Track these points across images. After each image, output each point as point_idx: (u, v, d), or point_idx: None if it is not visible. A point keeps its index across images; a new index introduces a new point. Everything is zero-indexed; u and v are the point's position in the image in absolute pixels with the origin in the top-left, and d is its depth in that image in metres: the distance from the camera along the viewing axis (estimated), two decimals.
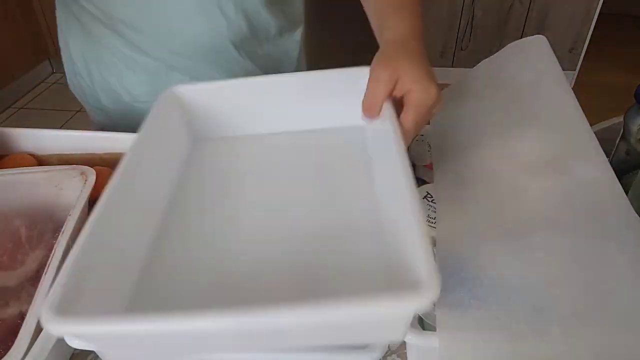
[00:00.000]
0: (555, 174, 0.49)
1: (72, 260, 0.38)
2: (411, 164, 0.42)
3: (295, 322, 0.33)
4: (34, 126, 0.75)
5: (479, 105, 0.64)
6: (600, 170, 0.48)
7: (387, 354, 0.49)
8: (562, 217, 0.45)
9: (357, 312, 0.32)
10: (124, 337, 0.36)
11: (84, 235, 0.40)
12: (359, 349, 0.41)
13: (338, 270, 0.44)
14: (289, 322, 0.33)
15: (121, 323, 0.34)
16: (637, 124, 0.61)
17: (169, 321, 0.32)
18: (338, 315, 0.32)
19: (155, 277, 0.47)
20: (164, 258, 0.49)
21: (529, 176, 0.50)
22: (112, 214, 0.44)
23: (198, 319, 0.32)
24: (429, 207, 0.54)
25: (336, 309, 0.32)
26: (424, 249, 0.34)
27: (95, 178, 0.58)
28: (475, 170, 0.54)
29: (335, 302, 0.31)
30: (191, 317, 0.32)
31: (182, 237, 0.51)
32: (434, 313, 0.42)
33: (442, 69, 2.88)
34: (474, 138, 0.59)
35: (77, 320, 0.35)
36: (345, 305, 0.31)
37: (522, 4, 2.63)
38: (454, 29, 2.74)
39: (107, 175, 0.49)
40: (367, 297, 0.31)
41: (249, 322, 0.33)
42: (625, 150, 0.63)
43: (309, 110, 0.62)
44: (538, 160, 0.51)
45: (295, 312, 0.32)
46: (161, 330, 0.33)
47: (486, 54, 0.71)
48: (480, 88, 0.67)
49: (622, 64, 3.16)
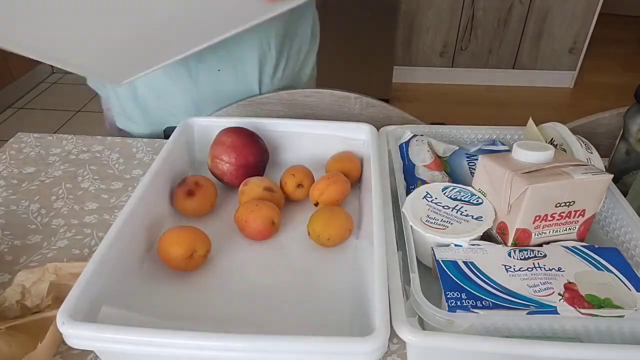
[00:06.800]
0: None
1: (88, 272, 0.45)
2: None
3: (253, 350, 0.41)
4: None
5: None
6: None
7: (387, 354, 0.49)
8: None
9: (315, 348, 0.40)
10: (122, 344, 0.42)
11: (101, 250, 0.48)
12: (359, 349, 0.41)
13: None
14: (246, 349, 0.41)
15: (121, 332, 0.41)
16: (637, 124, 0.61)
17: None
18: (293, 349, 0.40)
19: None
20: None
21: None
22: (125, 235, 0.52)
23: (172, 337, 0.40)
24: (428, 207, 0.54)
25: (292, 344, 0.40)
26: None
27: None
28: None
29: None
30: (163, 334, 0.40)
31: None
32: (434, 313, 0.42)
33: (442, 69, 2.89)
34: None
35: (87, 326, 0.41)
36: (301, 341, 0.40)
37: (522, 4, 2.63)
38: (454, 29, 2.74)
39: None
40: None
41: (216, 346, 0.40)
42: (625, 150, 0.63)
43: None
44: None
45: (253, 343, 0.40)
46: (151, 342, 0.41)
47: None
48: None
49: (622, 64, 3.16)
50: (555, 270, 0.46)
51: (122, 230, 0.52)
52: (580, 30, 2.70)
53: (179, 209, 0.64)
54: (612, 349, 0.40)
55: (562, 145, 0.60)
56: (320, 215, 0.59)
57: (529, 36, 2.73)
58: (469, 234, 0.51)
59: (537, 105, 2.73)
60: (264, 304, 0.52)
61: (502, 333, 0.43)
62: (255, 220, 0.59)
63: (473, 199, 0.55)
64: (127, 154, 0.81)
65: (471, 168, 0.65)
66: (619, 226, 0.54)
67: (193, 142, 0.74)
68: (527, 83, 2.89)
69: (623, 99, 2.58)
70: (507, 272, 0.46)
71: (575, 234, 0.52)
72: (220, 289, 0.54)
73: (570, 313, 0.42)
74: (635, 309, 0.42)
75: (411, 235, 0.51)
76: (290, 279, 0.55)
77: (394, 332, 0.42)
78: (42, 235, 0.64)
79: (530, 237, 0.51)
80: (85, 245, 0.63)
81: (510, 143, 0.69)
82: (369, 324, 0.43)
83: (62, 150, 0.82)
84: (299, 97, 0.87)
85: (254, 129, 0.70)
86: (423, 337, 0.41)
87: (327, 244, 0.59)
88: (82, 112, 2.58)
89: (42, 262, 0.59)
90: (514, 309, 0.42)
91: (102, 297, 0.46)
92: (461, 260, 0.48)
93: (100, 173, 0.76)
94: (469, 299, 0.43)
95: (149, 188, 0.58)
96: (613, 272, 0.46)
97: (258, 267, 0.57)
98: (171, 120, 0.89)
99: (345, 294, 0.53)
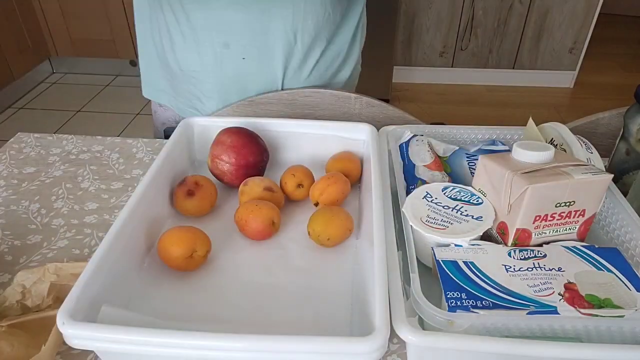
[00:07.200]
0: None
1: (88, 272, 0.45)
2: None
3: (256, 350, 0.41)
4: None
5: None
6: None
7: (387, 354, 0.49)
8: None
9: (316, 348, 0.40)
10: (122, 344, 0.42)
11: (101, 250, 0.48)
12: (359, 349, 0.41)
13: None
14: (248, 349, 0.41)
15: (121, 333, 0.41)
16: (637, 124, 0.61)
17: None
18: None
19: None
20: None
21: None
22: (125, 235, 0.52)
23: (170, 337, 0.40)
24: (428, 207, 0.54)
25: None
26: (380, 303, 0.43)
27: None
28: None
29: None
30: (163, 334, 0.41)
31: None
32: (434, 313, 0.42)
33: (442, 69, 2.88)
34: None
35: (87, 326, 0.41)
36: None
37: (522, 4, 2.63)
38: (454, 29, 2.74)
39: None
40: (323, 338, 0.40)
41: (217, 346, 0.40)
42: (625, 150, 0.63)
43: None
44: None
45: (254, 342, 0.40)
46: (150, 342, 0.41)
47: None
48: None
49: (622, 63, 3.16)
50: (555, 270, 0.46)
51: (122, 230, 0.52)
52: (580, 30, 2.70)
53: (179, 209, 0.63)
54: (612, 349, 0.40)
55: (562, 145, 0.60)
56: (320, 215, 0.59)
57: (529, 36, 2.73)
58: (469, 234, 0.51)
59: (537, 105, 2.73)
60: (263, 304, 0.52)
61: (502, 333, 0.43)
62: (255, 220, 0.59)
63: (473, 199, 0.55)
64: (127, 154, 0.81)
65: (471, 168, 0.65)
66: (619, 226, 0.54)
67: (193, 142, 0.74)
68: (527, 83, 2.89)
69: (623, 99, 2.58)
70: (507, 272, 0.46)
71: (575, 234, 0.52)
72: (220, 289, 0.54)
73: (570, 313, 0.42)
74: (635, 309, 0.42)
75: (411, 235, 0.51)
76: (290, 279, 0.55)
77: (394, 332, 0.42)
78: (42, 235, 0.64)
79: (530, 237, 0.51)
80: (85, 245, 0.63)
81: (510, 143, 0.69)
82: (369, 324, 0.43)
83: (62, 150, 0.82)
84: (299, 97, 0.87)
85: (254, 129, 0.70)
86: (423, 337, 0.41)
87: (327, 244, 0.59)
88: (82, 112, 2.58)
89: (42, 262, 0.59)
90: (514, 309, 0.42)
91: (102, 297, 0.46)
92: (461, 260, 0.48)
93: (100, 173, 0.76)
94: (469, 299, 0.43)
95: (149, 188, 0.58)
96: (613, 272, 0.46)
97: (258, 267, 0.57)
98: (198, 106, 0.90)
99: (345, 294, 0.53)
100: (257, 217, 0.59)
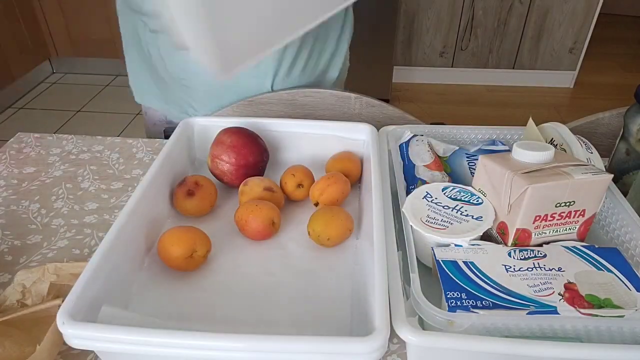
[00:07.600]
0: None
1: (88, 272, 0.45)
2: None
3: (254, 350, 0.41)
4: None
5: None
6: None
7: (387, 354, 0.49)
8: None
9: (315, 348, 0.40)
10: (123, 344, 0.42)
11: (101, 250, 0.48)
12: (358, 349, 0.41)
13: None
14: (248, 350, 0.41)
15: (121, 332, 0.41)
16: (637, 124, 0.61)
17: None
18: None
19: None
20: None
21: None
22: (125, 235, 0.52)
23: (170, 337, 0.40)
24: (428, 207, 0.54)
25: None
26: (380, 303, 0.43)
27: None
28: None
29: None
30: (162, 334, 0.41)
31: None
32: (434, 313, 0.42)
33: (442, 69, 2.89)
34: None
35: (87, 326, 0.41)
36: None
37: (522, 4, 2.63)
38: (454, 29, 2.74)
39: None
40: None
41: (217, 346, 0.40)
42: (625, 150, 0.63)
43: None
44: None
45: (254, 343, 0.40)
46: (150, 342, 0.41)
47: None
48: None
49: (622, 63, 3.16)
50: (555, 270, 0.46)
51: (122, 230, 0.52)
52: (580, 30, 2.70)
53: (179, 209, 0.63)
54: (612, 349, 0.40)
55: (562, 145, 0.60)
56: (320, 215, 0.59)
57: (529, 36, 2.73)
58: (469, 234, 0.51)
59: (537, 105, 2.73)
60: (264, 304, 0.52)
61: (502, 333, 0.43)
62: (255, 220, 0.59)
63: (473, 199, 0.55)
64: (127, 154, 0.81)
65: (471, 168, 0.65)
66: (619, 226, 0.54)
67: (193, 142, 0.74)
68: (527, 83, 2.89)
69: (623, 99, 2.58)
70: (507, 272, 0.46)
71: (575, 234, 0.52)
72: (220, 289, 0.54)
73: (570, 313, 0.42)
74: (635, 309, 0.42)
75: (411, 235, 0.51)
76: (290, 279, 0.55)
77: (394, 332, 0.42)
78: (42, 235, 0.64)
79: (530, 237, 0.51)
80: (85, 245, 0.63)
81: (510, 143, 0.69)
82: (369, 324, 0.43)
83: (62, 150, 0.82)
84: (298, 97, 0.87)
85: (254, 129, 0.70)
86: (423, 337, 0.41)
87: (327, 244, 0.59)
88: (82, 112, 2.58)
89: (42, 262, 0.59)
90: (514, 309, 0.42)
91: (102, 297, 0.46)
92: (461, 260, 0.48)
93: (100, 173, 0.76)
94: (469, 299, 0.43)
95: (149, 188, 0.58)
96: (613, 272, 0.46)
97: (258, 267, 0.57)
98: (190, 112, 0.90)
99: (345, 293, 0.53)
100: (257, 217, 0.59)
